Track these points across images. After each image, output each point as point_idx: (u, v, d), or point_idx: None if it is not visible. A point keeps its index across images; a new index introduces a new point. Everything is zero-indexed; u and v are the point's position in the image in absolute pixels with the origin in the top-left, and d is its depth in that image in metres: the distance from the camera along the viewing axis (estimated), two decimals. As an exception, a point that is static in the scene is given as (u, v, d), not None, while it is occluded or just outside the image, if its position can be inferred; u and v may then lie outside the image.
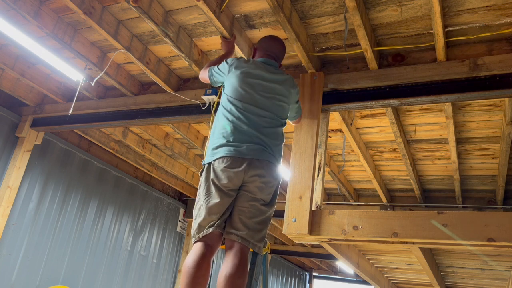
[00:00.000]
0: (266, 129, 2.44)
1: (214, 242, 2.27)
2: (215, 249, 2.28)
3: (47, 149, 5.20)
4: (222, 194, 2.29)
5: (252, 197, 2.33)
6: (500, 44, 2.92)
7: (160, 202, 7.00)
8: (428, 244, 2.85)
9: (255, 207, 2.32)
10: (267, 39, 2.88)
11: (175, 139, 5.56)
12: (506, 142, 3.93)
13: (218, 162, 2.32)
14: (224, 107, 2.50)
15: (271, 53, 2.77)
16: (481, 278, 6.69)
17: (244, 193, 2.33)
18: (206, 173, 2.37)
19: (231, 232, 2.27)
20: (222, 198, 2.28)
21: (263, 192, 2.35)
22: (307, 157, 3.04)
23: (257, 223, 2.32)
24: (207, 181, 2.34)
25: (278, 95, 2.56)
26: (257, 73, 2.56)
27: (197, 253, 2.18)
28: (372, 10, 2.86)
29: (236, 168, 2.28)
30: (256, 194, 2.33)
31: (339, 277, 12.44)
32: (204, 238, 2.26)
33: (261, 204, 2.35)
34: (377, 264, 6.45)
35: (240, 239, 2.25)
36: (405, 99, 3.05)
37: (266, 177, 2.35)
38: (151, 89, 4.30)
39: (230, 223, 2.31)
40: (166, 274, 7.01)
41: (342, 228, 2.77)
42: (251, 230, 2.29)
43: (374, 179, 5.19)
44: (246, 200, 2.32)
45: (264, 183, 2.34)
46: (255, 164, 2.32)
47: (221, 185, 2.29)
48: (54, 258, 5.20)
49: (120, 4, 3.23)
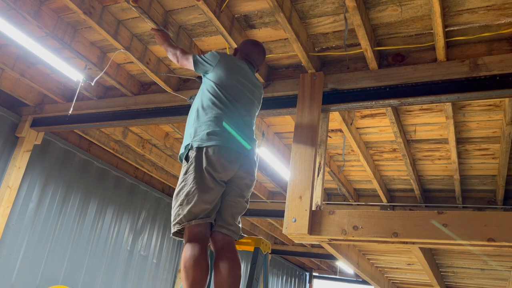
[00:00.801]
0: (249, 130, 2.51)
1: (208, 233, 2.26)
2: (208, 239, 2.27)
3: (47, 149, 5.20)
4: (216, 183, 2.26)
5: (239, 193, 2.38)
6: (500, 44, 2.92)
7: (160, 202, 7.00)
8: (428, 244, 2.85)
9: (241, 203, 2.39)
10: (249, 43, 2.90)
11: (175, 139, 5.56)
12: (506, 142, 3.93)
13: (214, 150, 2.24)
14: (212, 94, 2.44)
15: (251, 59, 2.80)
16: (481, 278, 6.69)
17: (232, 188, 2.36)
18: (197, 158, 2.24)
19: (223, 226, 2.29)
20: (216, 188, 2.26)
21: (248, 190, 2.43)
22: (307, 157, 3.04)
23: (239, 218, 2.41)
24: (199, 168, 2.22)
25: (257, 100, 2.67)
26: (248, 74, 2.62)
27: (199, 246, 2.13)
28: (372, 10, 2.86)
29: (232, 160, 2.29)
30: (244, 191, 2.40)
31: (339, 277, 12.44)
32: (199, 228, 2.18)
33: (245, 201, 2.43)
34: (377, 264, 6.45)
35: (232, 233, 2.30)
36: (405, 99, 3.05)
37: (253, 176, 2.44)
38: (151, 89, 4.30)
39: (222, 217, 2.31)
40: (166, 274, 7.01)
41: (342, 228, 2.77)
42: (237, 224, 2.37)
43: (374, 179, 5.19)
44: (236, 196, 2.36)
45: (252, 181, 2.44)
46: (246, 162, 2.38)
47: (216, 176, 2.25)
48: (54, 258, 5.20)
49: (120, 4, 3.23)
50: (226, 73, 2.52)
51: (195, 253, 2.07)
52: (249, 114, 2.55)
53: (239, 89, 2.51)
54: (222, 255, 2.21)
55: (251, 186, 2.45)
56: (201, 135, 2.29)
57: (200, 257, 2.09)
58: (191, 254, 2.08)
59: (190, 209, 2.18)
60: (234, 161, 2.30)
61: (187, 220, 2.18)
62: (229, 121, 2.36)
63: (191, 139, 2.32)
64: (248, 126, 2.51)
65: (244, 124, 2.47)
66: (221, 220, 2.30)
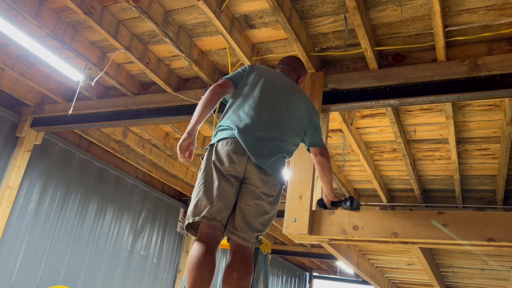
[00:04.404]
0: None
1: (218, 236, 2.12)
2: (219, 244, 2.13)
3: (47, 149, 5.20)
4: (222, 177, 2.14)
5: (257, 193, 2.17)
6: (500, 44, 2.92)
7: (160, 202, 7.00)
8: (428, 244, 2.85)
9: (260, 206, 2.18)
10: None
11: (175, 139, 5.56)
12: (506, 142, 3.93)
13: (222, 143, 2.20)
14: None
15: (283, 67, 2.78)
16: (481, 278, 6.69)
17: (247, 187, 2.18)
18: (207, 155, 2.23)
19: (232, 232, 2.14)
20: (221, 182, 2.13)
21: (267, 185, 2.19)
22: (307, 157, 3.04)
23: (261, 224, 2.19)
24: (208, 163, 2.20)
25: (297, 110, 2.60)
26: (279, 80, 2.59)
27: (205, 248, 2.04)
28: (372, 10, 2.86)
29: (240, 153, 2.15)
30: (260, 187, 2.17)
31: (339, 277, 12.44)
32: (208, 229, 2.10)
33: (267, 202, 2.20)
34: (377, 264, 6.45)
35: (242, 240, 2.12)
36: (405, 99, 3.05)
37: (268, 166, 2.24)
38: (151, 89, 4.30)
39: (232, 222, 2.15)
40: (166, 274, 7.01)
41: (342, 228, 2.77)
42: (253, 231, 2.16)
43: (374, 179, 5.19)
44: (251, 198, 2.16)
45: (267, 175, 2.22)
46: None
47: (222, 169, 2.14)
48: (54, 258, 5.20)
49: (120, 4, 3.22)
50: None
51: (198, 255, 2.02)
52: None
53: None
54: (231, 262, 2.12)
55: (270, 180, 2.21)
56: (216, 135, 2.30)
57: (203, 260, 2.00)
58: (195, 255, 2.03)
59: (195, 203, 2.14)
60: (243, 152, 2.15)
61: (192, 216, 2.14)
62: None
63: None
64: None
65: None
66: (232, 226, 2.14)
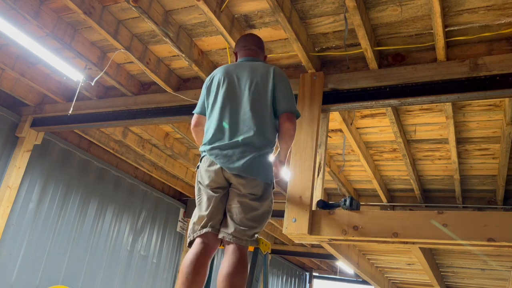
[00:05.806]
0: (242, 124, 2.52)
1: (210, 242, 2.25)
2: (212, 249, 2.26)
3: (47, 149, 5.19)
4: (208, 192, 2.32)
5: (240, 194, 2.26)
6: (500, 44, 2.92)
7: (160, 202, 7.00)
8: (428, 244, 2.85)
9: (245, 204, 2.25)
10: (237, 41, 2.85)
11: (175, 139, 5.56)
12: (506, 142, 3.93)
13: (202, 162, 2.40)
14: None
15: (241, 49, 2.69)
16: (481, 278, 6.69)
17: (232, 190, 2.32)
18: (197, 175, 2.46)
19: (222, 232, 2.26)
20: (209, 197, 2.31)
21: (247, 187, 2.26)
22: (307, 157, 3.04)
23: (250, 220, 2.24)
24: (196, 182, 2.43)
25: (260, 84, 2.61)
26: (234, 69, 2.62)
27: (193, 252, 2.19)
28: (372, 10, 2.86)
29: (214, 166, 2.30)
30: (241, 190, 2.26)
31: (339, 277, 12.44)
32: (199, 237, 2.27)
33: (250, 200, 2.25)
34: (377, 264, 6.45)
35: (231, 237, 2.20)
36: (405, 99, 3.05)
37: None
38: (151, 89, 4.30)
39: (224, 223, 2.31)
40: (166, 274, 7.01)
41: (342, 228, 2.77)
42: (243, 227, 2.22)
43: (374, 179, 5.19)
44: (236, 198, 2.27)
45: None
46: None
47: (206, 186, 2.33)
48: (54, 258, 5.20)
49: (120, 4, 3.22)
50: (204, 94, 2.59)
51: (187, 260, 2.16)
52: (241, 107, 2.38)
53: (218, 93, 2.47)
54: (223, 260, 2.22)
55: (247, 184, 2.26)
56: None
57: (192, 265, 2.13)
58: (185, 260, 2.17)
59: (193, 222, 2.34)
60: (217, 165, 2.30)
61: (192, 234, 2.32)
62: (207, 129, 2.44)
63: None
64: (239, 122, 2.36)
65: (232, 122, 2.37)
66: (223, 226, 2.29)
